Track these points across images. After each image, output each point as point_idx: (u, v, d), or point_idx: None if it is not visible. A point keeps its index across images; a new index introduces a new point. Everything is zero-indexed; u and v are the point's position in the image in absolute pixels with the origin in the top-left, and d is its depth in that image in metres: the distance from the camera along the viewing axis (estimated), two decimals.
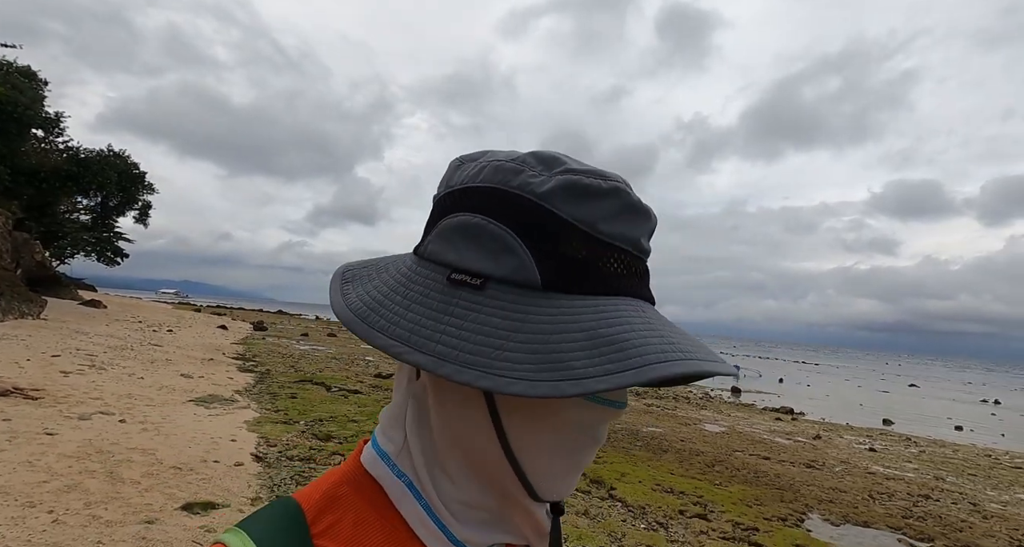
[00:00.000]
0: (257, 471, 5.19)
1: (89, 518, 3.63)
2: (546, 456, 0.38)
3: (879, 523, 5.60)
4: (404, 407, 0.41)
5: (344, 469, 0.42)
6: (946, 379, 47.72)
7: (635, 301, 0.37)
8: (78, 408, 6.46)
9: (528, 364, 0.31)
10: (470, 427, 0.38)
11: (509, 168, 0.38)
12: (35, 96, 22.26)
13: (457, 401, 0.38)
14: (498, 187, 0.38)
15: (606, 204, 0.37)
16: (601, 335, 0.32)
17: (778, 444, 9.90)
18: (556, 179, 0.37)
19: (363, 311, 0.38)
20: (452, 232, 0.39)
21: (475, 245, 0.38)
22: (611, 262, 0.37)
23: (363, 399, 10.02)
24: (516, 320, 0.34)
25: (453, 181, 0.41)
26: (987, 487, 8.04)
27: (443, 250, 0.39)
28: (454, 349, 0.33)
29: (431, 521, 0.39)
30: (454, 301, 0.36)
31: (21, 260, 20.23)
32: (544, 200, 0.36)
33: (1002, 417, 19.38)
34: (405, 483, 0.39)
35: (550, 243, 0.36)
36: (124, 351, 12.19)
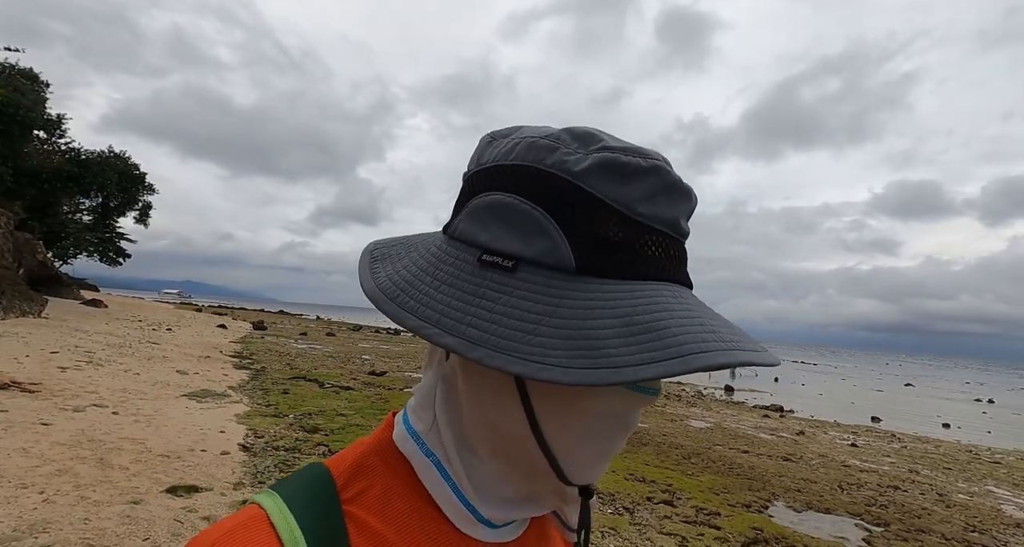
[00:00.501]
0: (242, 460, 5.41)
1: (78, 498, 3.86)
2: (577, 442, 0.37)
3: (840, 510, 5.81)
4: (434, 388, 0.41)
5: (373, 440, 0.43)
6: (944, 379, 47.79)
7: (673, 286, 0.36)
8: (73, 401, 6.70)
9: (561, 350, 0.31)
10: (501, 411, 0.37)
11: (543, 145, 0.37)
12: (37, 98, 22.59)
13: (488, 385, 0.37)
14: (531, 165, 0.37)
15: (645, 183, 0.36)
16: (638, 322, 0.32)
17: (760, 439, 10.09)
18: (593, 157, 0.35)
19: (393, 291, 0.38)
20: (483, 211, 0.38)
21: (507, 225, 0.37)
22: (649, 245, 0.36)
23: (354, 395, 10.24)
24: (549, 304, 0.33)
25: (484, 158, 0.40)
26: (959, 479, 8.22)
27: (474, 230, 0.38)
28: (485, 332, 0.32)
29: (457, 499, 0.39)
30: (485, 283, 0.35)
31: (23, 260, 20.51)
32: (580, 179, 0.35)
33: (992, 415, 19.52)
34: (433, 462, 0.40)
35: (585, 224, 0.35)
36: (122, 349, 12.44)
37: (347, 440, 6.53)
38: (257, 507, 0.37)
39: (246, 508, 0.37)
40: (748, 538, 4.57)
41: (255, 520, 0.36)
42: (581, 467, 0.38)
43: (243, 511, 0.37)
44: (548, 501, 0.41)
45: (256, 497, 0.38)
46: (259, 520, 0.36)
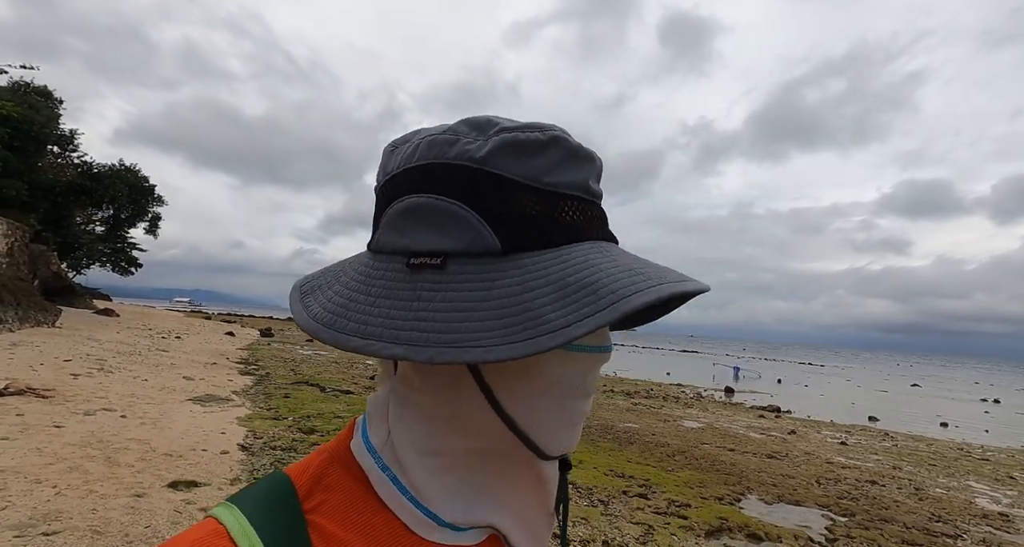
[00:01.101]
0: (241, 458, 5.75)
1: (86, 492, 4.22)
2: (545, 415, 0.37)
3: (810, 502, 6.03)
4: (385, 403, 0.41)
5: (335, 446, 0.42)
6: (953, 379, 47.36)
7: (597, 243, 0.38)
8: (84, 405, 7.09)
9: (501, 329, 0.31)
10: (464, 404, 0.37)
11: (443, 140, 0.38)
12: (51, 114, 23.35)
13: (445, 384, 0.38)
14: (436, 162, 0.37)
15: (547, 155, 0.37)
16: (569, 283, 0.33)
17: (749, 438, 10.29)
18: (492, 140, 0.36)
19: (329, 319, 0.37)
20: (400, 218, 0.38)
21: (426, 225, 0.37)
22: (565, 210, 0.37)
23: (354, 399, 10.56)
24: (482, 289, 0.34)
25: (390, 167, 0.40)
26: (941, 475, 8.39)
27: (395, 238, 0.39)
28: (428, 333, 0.33)
29: (415, 509, 0.39)
30: (419, 286, 0.35)
31: (38, 271, 21.17)
32: (484, 164, 0.36)
33: (995, 415, 19.49)
34: (389, 477, 0.39)
35: (501, 205, 0.36)
36: (132, 356, 12.89)
37: None
38: (215, 522, 0.35)
39: (203, 523, 0.36)
40: (712, 526, 4.83)
41: (213, 536, 0.34)
42: (555, 438, 0.38)
43: (199, 526, 0.35)
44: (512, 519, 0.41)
45: (214, 511, 0.36)
46: (217, 536, 0.34)
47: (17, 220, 19.78)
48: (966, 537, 5.41)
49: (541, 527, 0.42)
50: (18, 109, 20.95)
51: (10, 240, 16.50)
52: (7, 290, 14.82)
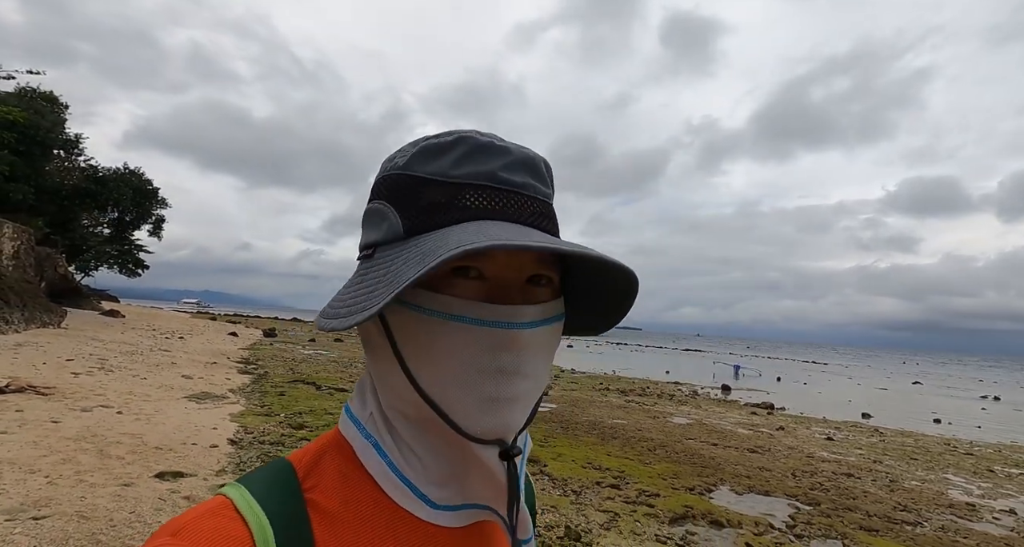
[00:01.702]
0: (229, 452, 5.97)
1: (77, 481, 4.46)
2: (451, 388, 0.40)
3: (780, 493, 6.20)
4: (368, 378, 0.47)
5: (330, 434, 0.47)
6: (958, 376, 47.12)
7: (489, 222, 0.41)
8: (82, 402, 7.36)
9: (380, 292, 0.38)
10: (392, 374, 0.42)
11: (388, 158, 0.47)
12: (56, 119, 23.78)
13: (378, 354, 0.44)
14: (380, 175, 0.47)
15: (454, 152, 0.43)
16: (430, 248, 0.38)
17: (736, 433, 10.44)
18: (412, 151, 0.44)
19: (323, 312, 0.44)
20: (362, 222, 0.48)
21: (368, 224, 0.46)
22: (467, 197, 0.42)
23: (348, 396, 10.75)
24: (386, 265, 0.41)
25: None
26: (919, 469, 8.51)
27: (360, 241, 0.48)
28: (348, 306, 0.40)
29: (397, 478, 0.42)
30: (361, 273, 0.44)
31: (45, 273, 21.58)
32: (406, 168, 0.44)
33: (992, 412, 19.49)
34: (372, 443, 0.44)
35: (413, 199, 0.43)
36: (134, 356, 13.19)
37: None
38: (223, 497, 0.40)
39: (212, 498, 0.40)
40: (677, 514, 5.01)
41: (221, 507, 0.39)
42: (468, 414, 0.39)
43: (210, 501, 0.40)
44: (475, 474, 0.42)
45: (223, 489, 0.41)
46: (225, 507, 0.39)
47: (26, 223, 20.22)
48: (926, 524, 5.56)
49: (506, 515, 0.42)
50: (24, 114, 21.39)
51: (16, 243, 16.87)
52: (13, 292, 15.19)
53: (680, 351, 62.40)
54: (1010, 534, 5.57)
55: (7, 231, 16.52)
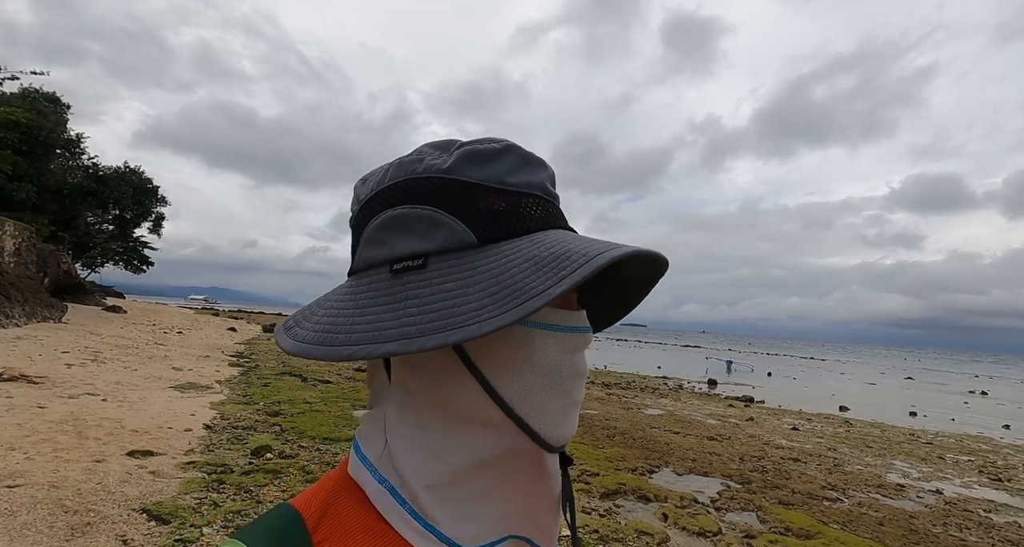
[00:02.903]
0: (202, 435, 6.41)
1: (53, 458, 4.90)
2: (540, 399, 0.39)
3: (718, 474, 6.57)
4: (381, 414, 0.42)
5: (339, 474, 0.44)
6: (955, 372, 47.18)
7: (563, 231, 0.42)
8: (70, 390, 7.82)
9: (491, 305, 0.34)
10: (462, 398, 0.39)
11: (410, 160, 0.42)
12: (58, 120, 24.35)
13: (443, 378, 0.39)
14: (406, 178, 0.41)
15: (505, 161, 0.41)
16: (543, 257, 0.36)
17: (703, 423, 10.80)
18: (454, 154, 0.41)
19: (318, 337, 0.38)
20: (378, 232, 0.41)
21: (404, 232, 0.40)
22: (529, 207, 0.41)
23: (331, 387, 11.18)
24: (466, 276, 0.36)
25: (363, 195, 0.44)
26: (870, 455, 8.84)
27: (376, 252, 0.41)
28: (418, 324, 0.34)
29: (415, 521, 0.39)
30: (404, 287, 0.38)
31: (48, 269, 22.18)
32: (451, 172, 0.40)
33: (973, 406, 19.73)
34: (386, 488, 0.40)
35: (470, 205, 0.40)
36: (128, 349, 13.69)
37: (302, 422, 7.49)
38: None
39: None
40: (609, 490, 5.40)
41: None
42: (553, 424, 0.39)
43: None
44: (522, 523, 0.42)
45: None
46: None
47: (31, 221, 20.82)
48: (845, 501, 5.92)
49: (549, 525, 0.42)
50: (27, 115, 21.95)
51: (17, 241, 17.42)
52: (15, 288, 15.74)
53: (679, 347, 62.62)
54: (922, 509, 5.93)
55: (8, 229, 17.07)
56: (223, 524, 3.96)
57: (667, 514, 4.82)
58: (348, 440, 6.75)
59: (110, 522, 3.77)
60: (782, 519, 4.95)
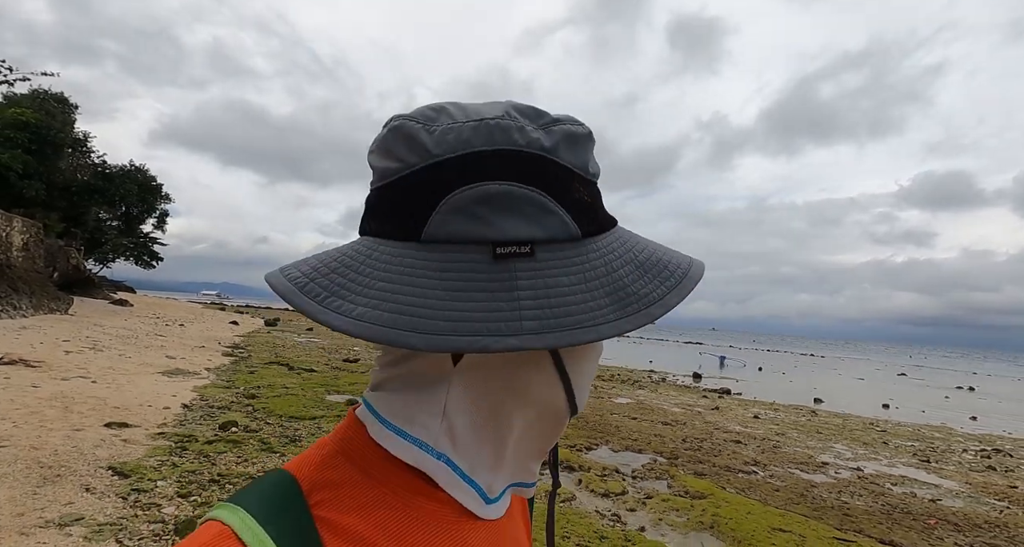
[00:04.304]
0: (177, 413, 7.03)
1: (38, 426, 5.53)
2: (586, 379, 0.43)
3: (651, 451, 7.08)
4: (441, 394, 0.40)
5: (337, 439, 0.42)
6: (952, 369, 47.08)
7: (619, 227, 0.43)
8: (64, 373, 8.50)
9: (610, 306, 0.34)
10: (538, 384, 0.40)
11: (507, 125, 0.37)
12: (66, 120, 25.23)
13: (525, 366, 0.40)
14: (510, 148, 0.37)
15: (590, 147, 0.40)
16: (641, 261, 0.38)
17: (666, 411, 11.29)
18: (553, 132, 0.38)
19: (398, 320, 0.33)
20: (478, 205, 0.36)
21: (511, 213, 0.36)
22: (599, 197, 0.41)
23: (313, 376, 11.76)
24: (578, 273, 0.36)
25: (436, 149, 0.37)
26: (813, 440, 9.29)
27: (473, 227, 0.36)
28: (540, 319, 0.33)
29: (471, 488, 0.41)
30: (513, 275, 0.35)
31: (57, 264, 23.10)
32: (553, 154, 0.38)
33: (953, 400, 20.00)
34: (445, 462, 0.40)
35: (568, 194, 0.38)
36: (128, 339, 14.42)
37: (275, 404, 8.09)
38: (218, 524, 0.34)
39: (205, 526, 0.34)
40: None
41: (221, 538, 0.33)
42: (584, 395, 0.43)
43: (202, 530, 0.34)
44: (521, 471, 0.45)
45: (214, 513, 0.35)
46: (225, 537, 0.33)
47: (42, 218, 21.72)
48: (760, 473, 6.42)
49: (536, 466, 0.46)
50: (36, 116, 22.83)
51: (25, 236, 18.25)
52: (22, 280, 16.57)
53: (680, 343, 62.90)
54: (829, 481, 6.41)
55: (17, 225, 17.89)
56: (177, 480, 4.56)
57: (582, 480, 5.36)
58: (312, 419, 7.33)
59: (78, 475, 4.38)
60: (686, 485, 5.45)
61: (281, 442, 6.08)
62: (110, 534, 3.43)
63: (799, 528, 4.37)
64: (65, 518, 3.57)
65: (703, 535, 4.22)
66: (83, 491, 4.08)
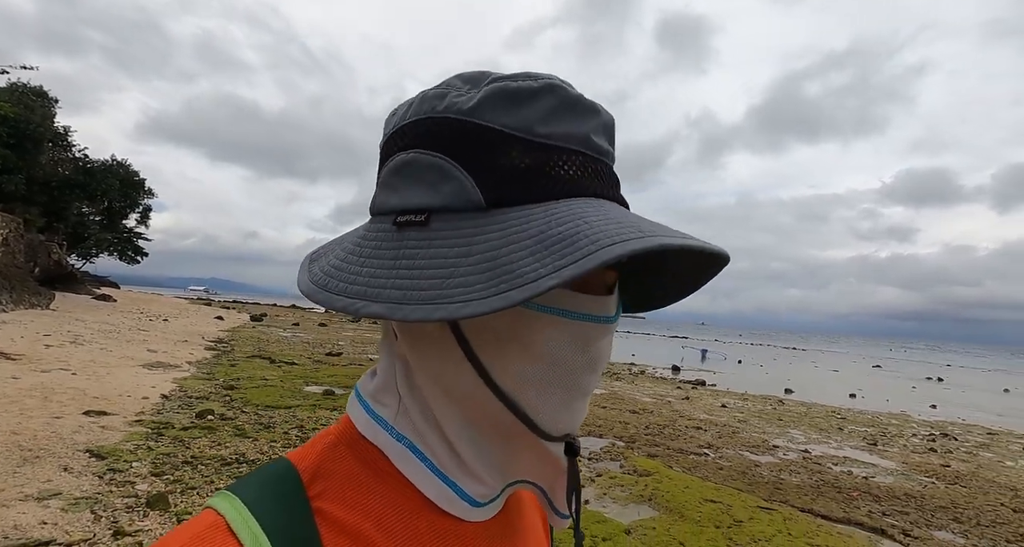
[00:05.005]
0: (155, 402, 7.27)
1: (18, 414, 5.76)
2: (537, 387, 0.35)
3: (611, 435, 7.46)
4: (392, 370, 0.40)
5: (340, 430, 0.42)
6: (926, 361, 48.36)
7: (596, 200, 0.35)
8: (44, 366, 8.68)
9: (480, 284, 0.30)
10: (452, 372, 0.36)
11: (434, 95, 0.37)
12: (45, 113, 25.01)
13: (432, 349, 0.37)
14: (425, 117, 0.37)
15: (540, 104, 0.35)
16: (550, 235, 0.31)
17: (636, 400, 11.69)
18: (483, 90, 0.35)
19: (323, 280, 0.37)
20: (391, 176, 0.38)
21: (413, 181, 0.36)
22: (561, 165, 0.35)
23: (294, 369, 11.91)
24: (464, 245, 0.33)
25: (388, 128, 0.40)
26: (771, 426, 9.74)
27: (387, 197, 0.38)
28: (408, 290, 0.32)
29: (438, 479, 0.38)
30: (403, 244, 0.35)
31: (38, 259, 22.99)
32: (472, 115, 0.35)
33: (919, 390, 20.71)
34: (406, 445, 0.38)
35: (488, 158, 0.34)
36: (109, 334, 14.53)
37: (252, 394, 8.34)
38: (214, 513, 0.34)
39: (201, 515, 0.34)
40: None
41: (213, 529, 0.33)
42: (551, 414, 0.36)
43: (198, 519, 0.34)
44: (533, 465, 0.40)
45: (212, 501, 0.35)
46: (217, 528, 0.33)
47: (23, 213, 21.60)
48: (711, 455, 6.83)
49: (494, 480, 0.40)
50: (15, 110, 22.63)
51: (5, 231, 18.22)
52: (2, 276, 16.57)
53: (666, 337, 63.72)
54: (774, 462, 6.84)
55: None
56: (151, 461, 4.83)
57: None
58: (288, 408, 7.60)
59: (57, 457, 4.65)
60: (636, 465, 5.83)
61: (255, 429, 6.36)
62: (86, 506, 3.72)
63: (729, 499, 4.75)
64: (43, 493, 3.84)
65: (641, 506, 4.58)
66: (61, 470, 4.35)
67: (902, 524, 4.69)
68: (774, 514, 4.44)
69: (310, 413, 7.37)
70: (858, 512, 4.94)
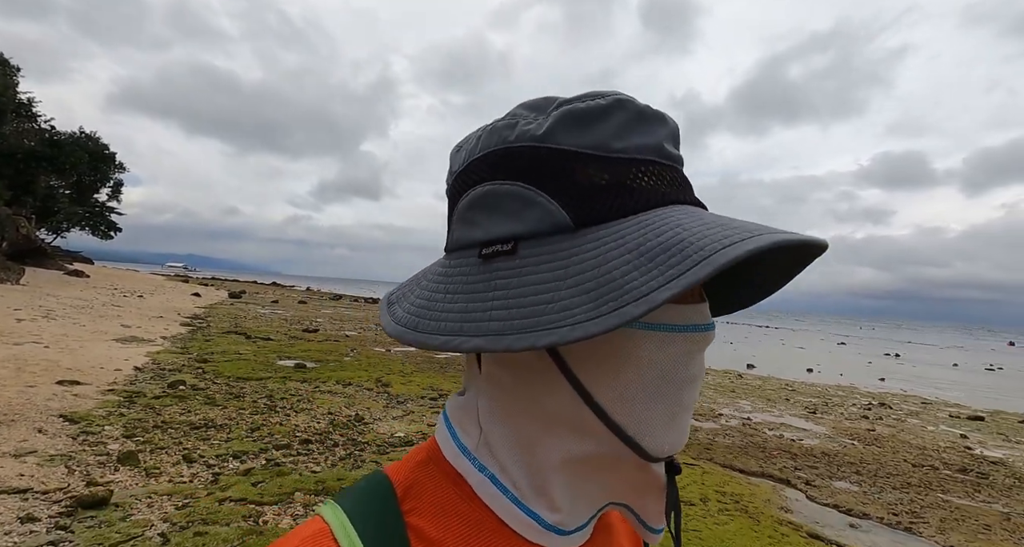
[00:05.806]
0: (128, 374, 7.51)
1: None
2: (639, 405, 0.35)
3: None
4: (475, 402, 0.41)
5: (432, 447, 0.43)
6: (889, 339, 50.34)
7: (681, 206, 0.36)
8: (17, 339, 8.83)
9: (585, 305, 0.30)
10: (552, 400, 0.36)
11: (503, 125, 0.38)
12: (7, 83, 24.18)
13: (534, 378, 0.37)
14: (497, 148, 0.37)
15: (612, 120, 0.36)
16: (651, 247, 0.31)
17: None
18: (552, 116, 0.36)
19: (411, 321, 0.38)
20: (468, 211, 0.39)
21: (494, 212, 0.37)
22: (639, 177, 0.36)
23: (269, 344, 12.09)
24: (559, 268, 0.33)
25: (455, 166, 0.41)
26: (724, 397, 10.35)
27: (467, 232, 0.39)
28: (507, 320, 0.32)
29: (519, 510, 0.38)
30: (493, 275, 0.35)
31: (6, 234, 22.58)
32: (545, 140, 0.36)
33: (875, 365, 21.77)
34: (487, 477, 0.39)
35: (568, 180, 0.35)
36: (83, 309, 14.55)
37: (224, 367, 8.61)
38: (321, 520, 0.37)
39: (311, 521, 0.38)
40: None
41: (319, 535, 0.36)
42: (655, 432, 0.35)
43: (307, 524, 0.37)
44: (624, 496, 0.40)
45: (320, 509, 0.39)
46: (323, 535, 0.36)
47: None
48: None
49: (654, 508, 0.39)
50: None
51: None
52: None
53: None
54: (714, 427, 7.41)
55: None
56: (123, 425, 5.14)
57: None
58: (259, 379, 7.92)
59: (31, 421, 4.93)
60: None
61: (225, 398, 6.68)
62: (60, 462, 4.04)
63: None
64: (19, 451, 4.15)
65: None
66: (36, 432, 4.64)
67: (808, 476, 5.24)
68: (694, 468, 4.93)
69: (280, 384, 7.69)
70: (772, 467, 5.49)
